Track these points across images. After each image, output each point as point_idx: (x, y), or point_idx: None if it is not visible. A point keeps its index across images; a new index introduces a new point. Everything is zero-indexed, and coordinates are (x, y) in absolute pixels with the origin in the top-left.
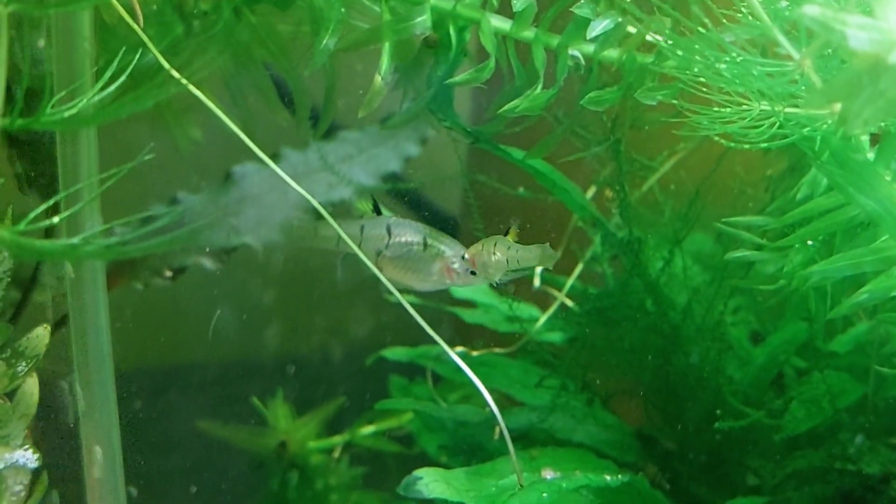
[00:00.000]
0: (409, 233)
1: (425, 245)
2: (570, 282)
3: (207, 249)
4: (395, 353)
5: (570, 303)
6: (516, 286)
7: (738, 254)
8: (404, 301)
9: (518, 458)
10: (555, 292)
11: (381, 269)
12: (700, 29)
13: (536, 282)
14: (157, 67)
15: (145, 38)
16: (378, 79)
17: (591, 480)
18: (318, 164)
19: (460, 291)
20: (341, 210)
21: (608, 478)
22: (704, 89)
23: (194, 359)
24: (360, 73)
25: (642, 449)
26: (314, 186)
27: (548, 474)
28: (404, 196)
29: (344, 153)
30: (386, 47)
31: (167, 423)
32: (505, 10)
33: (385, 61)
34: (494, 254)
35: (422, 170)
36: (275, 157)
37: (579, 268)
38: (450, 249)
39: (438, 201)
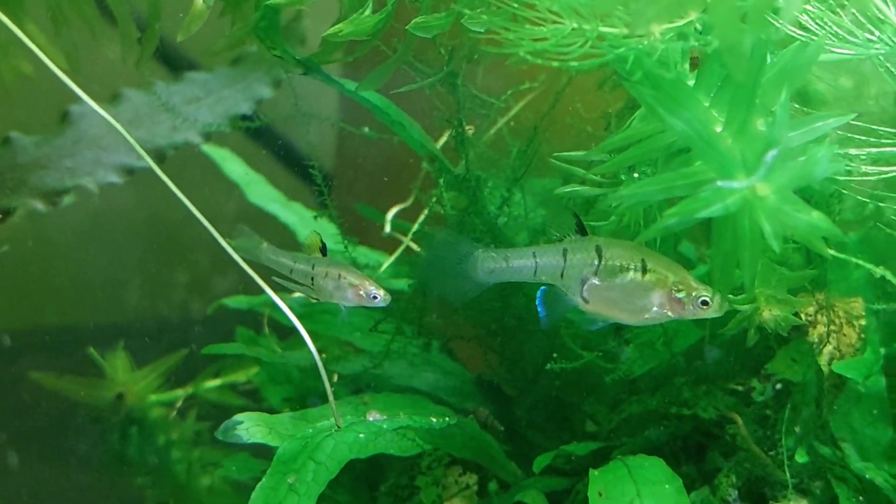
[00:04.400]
0: (623, 254)
1: (644, 270)
2: (415, 227)
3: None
4: (236, 301)
5: (417, 248)
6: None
7: (568, 188)
8: (226, 244)
9: (350, 403)
10: (402, 237)
11: (587, 301)
12: None
13: (387, 228)
14: None
15: None
16: (199, 2)
17: (414, 422)
18: (162, 105)
19: None
20: None
21: (433, 420)
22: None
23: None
24: None
25: (482, 395)
26: (157, 128)
27: (372, 417)
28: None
29: (191, 95)
30: None
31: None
32: None
33: None
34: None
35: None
36: (116, 97)
37: (426, 212)
38: (674, 275)
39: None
